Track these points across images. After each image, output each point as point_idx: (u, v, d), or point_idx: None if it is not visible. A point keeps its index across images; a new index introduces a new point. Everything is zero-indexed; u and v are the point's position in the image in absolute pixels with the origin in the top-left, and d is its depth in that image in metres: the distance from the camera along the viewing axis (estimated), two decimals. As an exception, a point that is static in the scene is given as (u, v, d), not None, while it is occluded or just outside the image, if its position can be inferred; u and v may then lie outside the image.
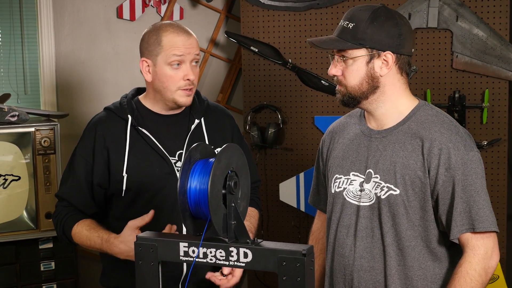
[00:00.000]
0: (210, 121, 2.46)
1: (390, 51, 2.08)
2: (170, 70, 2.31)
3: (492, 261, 2.05)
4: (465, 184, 2.04)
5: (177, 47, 2.29)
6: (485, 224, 2.03)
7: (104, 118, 2.43)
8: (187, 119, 2.43)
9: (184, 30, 2.34)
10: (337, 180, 2.23)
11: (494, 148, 3.51)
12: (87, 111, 3.94)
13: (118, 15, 4.01)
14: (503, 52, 3.44)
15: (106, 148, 2.36)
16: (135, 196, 2.35)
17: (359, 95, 2.12)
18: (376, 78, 2.10)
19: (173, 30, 2.32)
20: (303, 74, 3.68)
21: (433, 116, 2.12)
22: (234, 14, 4.22)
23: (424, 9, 3.49)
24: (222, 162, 1.58)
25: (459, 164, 2.04)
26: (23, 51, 3.85)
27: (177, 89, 2.32)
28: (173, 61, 2.29)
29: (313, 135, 3.75)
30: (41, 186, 3.34)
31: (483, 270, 2.02)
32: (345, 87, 2.13)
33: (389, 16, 2.09)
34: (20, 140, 3.32)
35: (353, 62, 2.09)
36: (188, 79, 2.31)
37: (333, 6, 3.66)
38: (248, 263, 1.58)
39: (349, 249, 2.16)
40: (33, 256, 3.46)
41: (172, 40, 2.30)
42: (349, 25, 2.09)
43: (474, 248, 2.03)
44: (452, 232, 2.05)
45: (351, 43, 2.07)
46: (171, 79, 2.31)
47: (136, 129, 2.36)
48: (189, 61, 2.32)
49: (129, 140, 2.35)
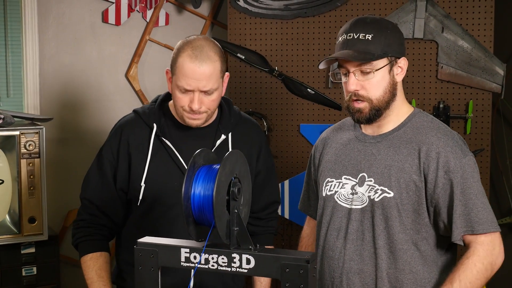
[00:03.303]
0: (238, 136, 2.40)
1: (404, 57, 2.13)
2: (178, 93, 2.26)
3: (499, 257, 2.08)
4: (464, 187, 2.07)
5: (184, 77, 2.22)
6: (485, 226, 2.06)
7: (131, 122, 2.38)
8: (214, 133, 2.37)
9: (199, 59, 2.21)
10: (328, 184, 2.24)
11: (477, 158, 3.55)
12: (70, 115, 3.92)
13: (104, 19, 3.99)
14: (487, 64, 3.49)
15: (129, 154, 2.34)
16: (150, 207, 2.33)
17: (383, 106, 2.12)
18: (395, 85, 2.14)
19: (189, 54, 2.22)
20: (289, 82, 3.70)
21: (429, 122, 2.16)
22: (220, 21, 4.23)
23: (410, 20, 3.53)
24: (227, 168, 1.58)
25: (457, 168, 2.07)
26: (7, 53, 3.80)
27: (183, 110, 2.28)
28: (180, 87, 2.24)
29: (298, 142, 3.76)
30: (25, 190, 3.29)
31: (490, 265, 2.05)
32: (369, 101, 2.11)
33: (393, 25, 2.15)
34: (4, 143, 3.27)
35: (377, 73, 2.09)
36: (190, 107, 2.25)
37: (320, 15, 3.68)
38: (250, 269, 1.59)
39: (339, 252, 2.18)
40: (14, 261, 3.41)
41: (183, 66, 2.22)
42: (366, 37, 2.07)
43: (483, 243, 2.06)
44: (454, 234, 2.07)
45: (378, 54, 2.07)
46: (178, 100, 2.27)
47: (159, 139, 2.33)
48: (198, 91, 2.23)
49: (151, 149, 2.32)
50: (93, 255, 2.34)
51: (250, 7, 3.75)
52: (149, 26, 4.06)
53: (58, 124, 3.83)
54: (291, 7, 3.71)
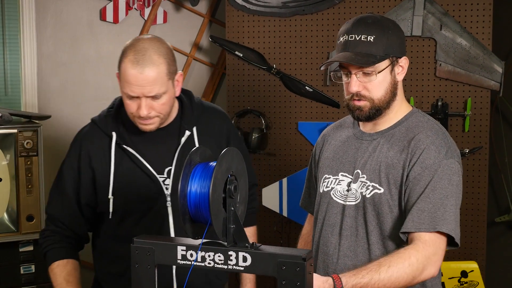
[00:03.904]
0: (203, 128, 2.33)
1: (405, 56, 2.13)
2: (126, 99, 2.18)
3: (435, 265, 1.98)
4: (436, 186, 2.02)
5: (128, 84, 2.13)
6: (449, 227, 1.99)
7: (89, 134, 2.32)
8: (178, 131, 2.29)
9: (140, 64, 2.11)
10: (326, 180, 2.24)
11: (476, 156, 3.55)
12: (68, 113, 3.91)
13: (101, 17, 3.98)
14: (485, 62, 3.48)
15: (92, 168, 2.28)
16: (122, 217, 2.28)
17: (384, 105, 2.12)
18: (396, 84, 2.14)
19: (130, 59, 2.12)
20: (288, 79, 3.69)
21: (424, 122, 2.16)
22: (218, 19, 4.22)
23: (408, 18, 3.53)
24: (223, 166, 1.58)
25: (435, 166, 2.04)
26: (5, 51, 3.80)
27: (133, 117, 2.20)
28: (126, 94, 2.17)
29: (296, 140, 3.76)
30: (23, 188, 3.29)
31: (422, 266, 1.96)
32: (371, 101, 2.10)
33: (393, 23, 2.13)
34: (2, 141, 3.27)
35: (379, 75, 2.08)
36: (138, 115, 2.16)
37: (318, 12, 3.68)
38: (247, 267, 1.58)
39: (333, 248, 2.18)
40: (13, 259, 3.40)
41: (126, 72, 2.13)
42: (368, 38, 2.06)
43: (426, 243, 1.98)
44: (405, 225, 2.01)
45: (381, 56, 2.06)
46: (127, 107, 2.19)
47: (121, 147, 2.26)
48: (143, 97, 2.14)
49: (114, 159, 2.25)
50: (59, 263, 2.29)
51: (248, 5, 3.74)
52: (147, 24, 4.06)
53: (56, 122, 3.82)
54: (289, 5, 3.70)
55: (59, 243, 2.31)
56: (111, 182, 2.24)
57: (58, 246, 2.31)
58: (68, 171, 2.31)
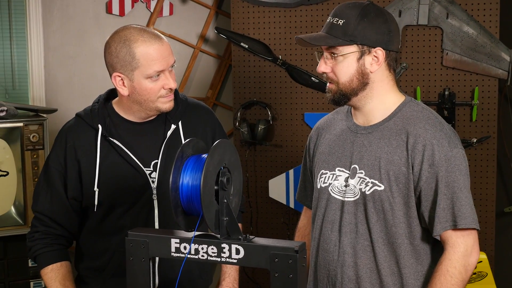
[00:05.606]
0: (188, 124, 2.33)
1: (380, 47, 2.08)
2: (149, 83, 2.18)
3: (472, 258, 2.06)
4: (448, 180, 2.04)
5: (155, 61, 2.15)
6: (467, 221, 2.04)
7: (75, 127, 2.31)
8: (163, 125, 2.30)
9: (155, 37, 2.17)
10: (322, 176, 2.23)
11: (484, 146, 3.52)
12: (75, 106, 3.89)
13: (108, 10, 3.99)
14: (493, 50, 3.45)
15: (77, 161, 2.26)
16: (108, 211, 2.27)
17: (349, 92, 2.11)
18: (366, 74, 2.10)
19: (144, 40, 2.16)
20: (293, 70, 3.68)
21: (419, 112, 2.13)
22: (224, 10, 4.21)
23: (414, 6, 3.50)
24: (215, 158, 1.57)
25: (442, 161, 2.04)
26: (12, 46, 3.82)
27: (158, 98, 2.21)
28: (153, 74, 2.17)
29: (302, 131, 3.74)
30: (30, 181, 3.31)
31: (463, 267, 2.04)
32: (336, 84, 2.12)
33: (378, 13, 2.10)
34: (8, 135, 3.29)
35: (343, 59, 2.08)
36: (169, 88, 2.20)
37: (324, 2, 3.65)
38: (240, 259, 1.58)
39: (334, 245, 2.17)
40: (21, 252, 3.43)
41: (148, 52, 2.15)
42: (338, 22, 2.08)
43: (454, 245, 2.04)
44: (435, 228, 2.06)
45: (342, 40, 2.06)
46: (152, 91, 2.19)
47: (107, 139, 2.25)
48: (168, 70, 2.20)
49: (99, 152, 2.24)
50: (53, 266, 2.28)
51: (253, -4, 3.73)
52: (153, 17, 4.05)
53: (63, 115, 3.83)
54: (294, -5, 3.68)
55: (50, 246, 2.29)
56: (97, 174, 2.23)
57: (49, 250, 2.29)
58: (54, 166, 2.29)
